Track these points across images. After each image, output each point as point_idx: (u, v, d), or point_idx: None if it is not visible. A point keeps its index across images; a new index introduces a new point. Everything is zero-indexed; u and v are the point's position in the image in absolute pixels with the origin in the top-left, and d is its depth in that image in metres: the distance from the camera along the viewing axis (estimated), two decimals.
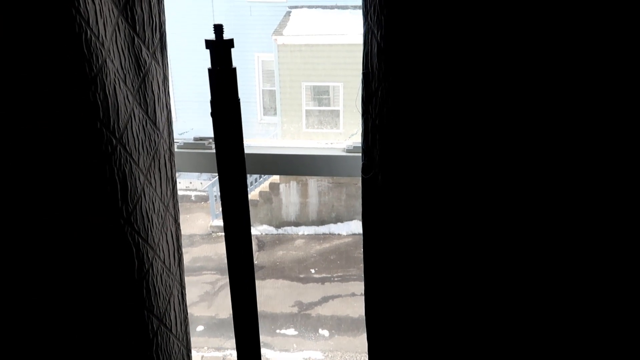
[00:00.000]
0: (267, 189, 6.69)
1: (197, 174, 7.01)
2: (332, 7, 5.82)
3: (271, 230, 6.56)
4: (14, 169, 0.73)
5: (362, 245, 0.83)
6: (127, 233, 0.77)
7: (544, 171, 0.72)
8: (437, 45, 0.67)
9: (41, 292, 0.80)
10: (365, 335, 0.89)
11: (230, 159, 0.82)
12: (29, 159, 0.72)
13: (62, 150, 0.72)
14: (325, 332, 4.70)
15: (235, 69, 0.79)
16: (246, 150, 0.93)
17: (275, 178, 6.77)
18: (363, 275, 0.85)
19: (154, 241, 0.82)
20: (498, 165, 0.72)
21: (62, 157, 0.72)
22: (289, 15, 6.24)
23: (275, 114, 6.87)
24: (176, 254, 0.90)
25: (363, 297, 0.87)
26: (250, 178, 6.61)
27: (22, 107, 0.70)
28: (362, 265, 0.85)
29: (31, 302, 0.80)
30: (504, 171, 0.72)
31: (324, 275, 5.58)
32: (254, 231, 6.35)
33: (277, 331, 4.71)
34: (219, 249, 5.97)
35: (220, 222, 6.18)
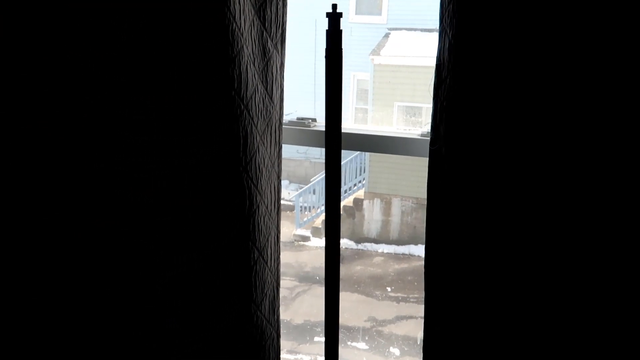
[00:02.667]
0: (351, 204, 6.85)
1: (285, 184, 7.38)
2: (430, 30, 5.95)
3: (351, 244, 6.64)
4: (171, 118, 0.99)
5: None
6: (243, 178, 1.02)
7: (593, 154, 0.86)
8: (495, 43, 0.85)
9: (176, 215, 1.05)
10: None
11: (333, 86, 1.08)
12: (182, 113, 0.99)
13: (205, 109, 0.98)
14: (396, 351, 4.73)
15: (341, 30, 1.05)
16: (345, 130, 1.16)
17: (360, 194, 6.92)
18: (425, 236, 1.03)
19: (262, 188, 1.06)
20: (545, 142, 0.87)
21: (204, 115, 0.98)
22: (388, 37, 6.43)
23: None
24: (276, 204, 1.13)
25: None
26: None
27: (182, 75, 0.97)
28: None
29: (165, 223, 1.06)
30: (548, 148, 0.87)
31: (400, 294, 5.57)
32: None
33: (349, 343, 4.82)
34: (300, 258, 6.20)
35: (302, 232, 6.45)
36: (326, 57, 1.05)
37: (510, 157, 0.89)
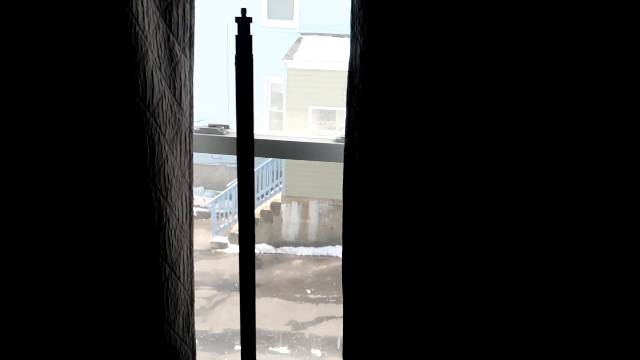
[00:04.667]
0: (269, 208, 6.81)
1: (200, 190, 7.19)
2: (342, 36, 6.06)
3: (270, 249, 6.62)
4: (70, 129, 0.91)
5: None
6: (152, 190, 0.96)
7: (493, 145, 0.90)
8: (404, 48, 0.86)
9: (77, 234, 0.97)
10: None
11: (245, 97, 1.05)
12: (81, 122, 0.91)
13: (107, 117, 0.91)
14: (317, 352, 4.75)
15: (251, 36, 1.05)
16: (259, 137, 1.13)
17: (277, 198, 6.92)
18: (342, 240, 1.03)
19: (172, 200, 1.01)
20: (455, 144, 0.90)
21: (107, 123, 0.91)
22: (300, 42, 6.50)
23: None
24: (188, 215, 1.08)
25: None
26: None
27: (81, 81, 0.89)
28: None
29: (71, 241, 0.98)
30: (459, 150, 0.91)
31: (319, 296, 5.62)
32: None
33: (270, 349, 4.78)
34: (217, 265, 6.06)
35: (219, 239, 6.31)
36: (236, 63, 1.03)
37: (422, 160, 0.91)
